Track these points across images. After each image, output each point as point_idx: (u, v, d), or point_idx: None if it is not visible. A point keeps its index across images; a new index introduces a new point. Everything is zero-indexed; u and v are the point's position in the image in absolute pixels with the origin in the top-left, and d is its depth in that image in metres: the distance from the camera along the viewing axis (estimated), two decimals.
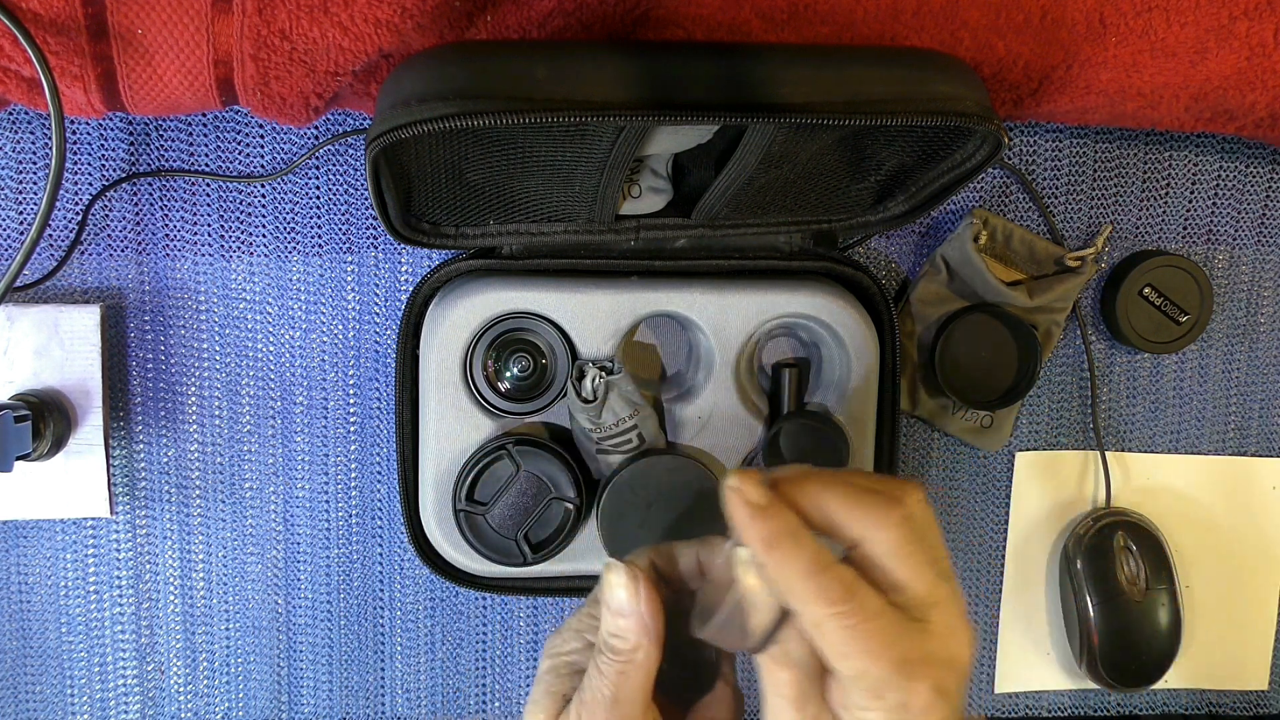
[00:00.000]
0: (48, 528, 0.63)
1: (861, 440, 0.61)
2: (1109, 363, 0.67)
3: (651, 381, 0.63)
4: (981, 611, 0.69)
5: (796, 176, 0.55)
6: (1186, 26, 0.54)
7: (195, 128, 0.60)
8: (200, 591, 0.64)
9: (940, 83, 0.49)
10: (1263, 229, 0.67)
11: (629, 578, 0.41)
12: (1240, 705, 0.71)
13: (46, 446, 0.58)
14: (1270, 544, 0.70)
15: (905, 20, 0.53)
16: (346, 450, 0.64)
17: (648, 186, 0.58)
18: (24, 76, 0.50)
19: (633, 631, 0.41)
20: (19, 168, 0.60)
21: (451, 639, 0.66)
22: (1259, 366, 0.68)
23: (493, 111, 0.45)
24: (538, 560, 0.59)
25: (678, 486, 0.58)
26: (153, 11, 0.48)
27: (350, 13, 0.48)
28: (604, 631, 0.41)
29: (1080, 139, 0.65)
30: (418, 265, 0.63)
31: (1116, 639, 0.65)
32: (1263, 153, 0.66)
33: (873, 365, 0.60)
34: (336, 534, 0.64)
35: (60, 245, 0.60)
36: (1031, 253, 0.64)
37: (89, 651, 0.64)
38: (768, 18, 0.53)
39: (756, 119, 0.47)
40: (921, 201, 0.58)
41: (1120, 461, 0.68)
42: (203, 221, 0.61)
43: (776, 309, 0.59)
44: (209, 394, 0.63)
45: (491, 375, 0.59)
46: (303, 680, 0.66)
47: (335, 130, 0.61)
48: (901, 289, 0.66)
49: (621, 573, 0.41)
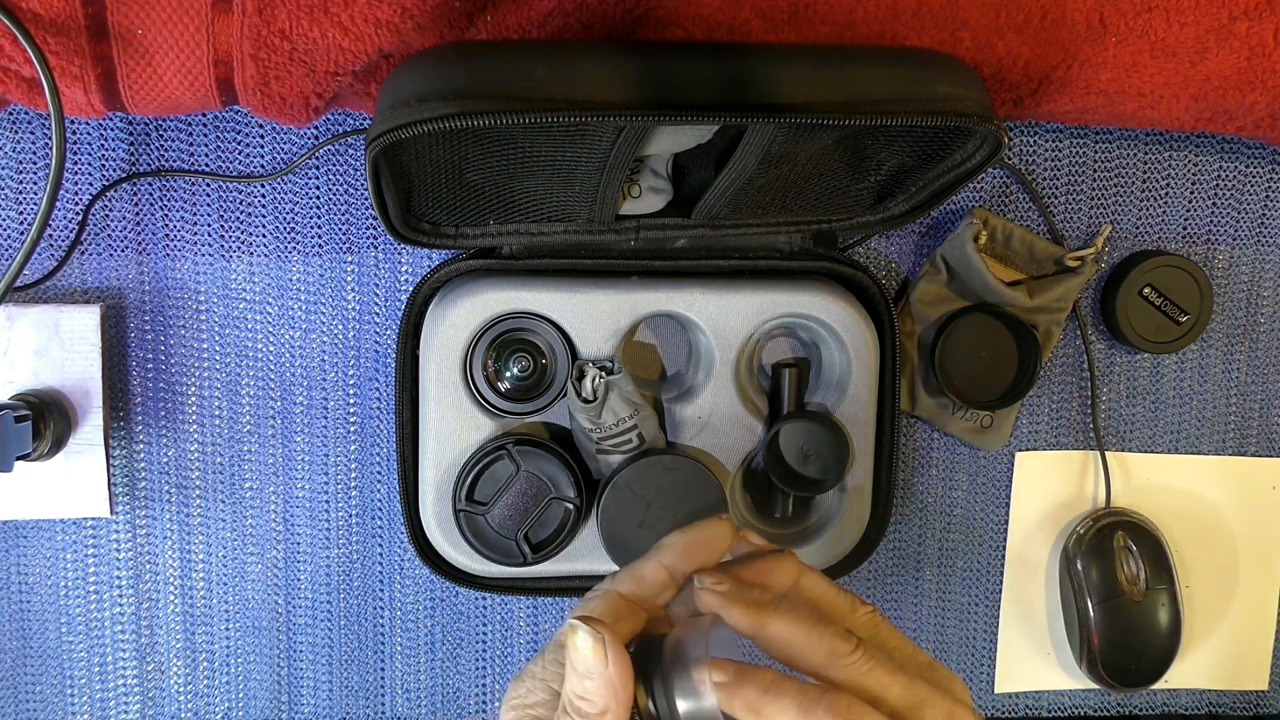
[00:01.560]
0: (48, 528, 0.63)
1: (861, 440, 0.61)
2: (1109, 363, 0.67)
3: (651, 381, 0.63)
4: (981, 611, 0.69)
5: (796, 176, 0.55)
6: (1186, 26, 0.54)
7: (195, 128, 0.60)
8: (200, 591, 0.64)
9: (940, 83, 0.49)
10: (1263, 229, 0.67)
11: (595, 640, 0.39)
12: (1240, 705, 0.71)
13: (46, 446, 0.58)
14: (1270, 544, 0.70)
15: (905, 20, 0.53)
16: (346, 450, 0.64)
17: (648, 186, 0.58)
18: (24, 76, 0.50)
19: (600, 695, 0.39)
20: (19, 168, 0.60)
21: (451, 639, 0.66)
22: (1259, 366, 0.68)
23: (493, 111, 0.45)
24: (538, 560, 0.59)
25: (678, 486, 0.58)
26: (153, 11, 0.48)
27: (350, 13, 0.48)
28: (569, 691, 0.39)
29: (1080, 139, 0.65)
30: (418, 265, 0.63)
31: (1116, 639, 0.65)
32: (1263, 153, 0.66)
33: (873, 365, 0.60)
34: (336, 534, 0.64)
35: (60, 245, 0.60)
36: (1031, 253, 0.64)
37: (89, 651, 0.64)
38: (768, 18, 0.53)
39: (756, 119, 0.47)
40: (921, 201, 0.58)
41: (1120, 461, 0.68)
42: (203, 221, 0.61)
43: (776, 309, 0.59)
44: (209, 394, 0.63)
45: (491, 375, 0.59)
46: (303, 680, 0.66)
47: (335, 130, 0.61)
48: (901, 289, 0.66)
49: (588, 635, 0.39)
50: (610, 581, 0.42)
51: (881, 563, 0.68)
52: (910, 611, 0.68)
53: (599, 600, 0.41)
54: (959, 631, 0.69)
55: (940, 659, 0.69)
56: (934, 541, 0.68)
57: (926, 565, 0.68)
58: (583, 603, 0.42)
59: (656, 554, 0.42)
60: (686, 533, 0.43)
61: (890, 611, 0.68)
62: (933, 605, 0.68)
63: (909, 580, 0.68)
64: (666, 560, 0.42)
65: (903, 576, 0.68)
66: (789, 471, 0.60)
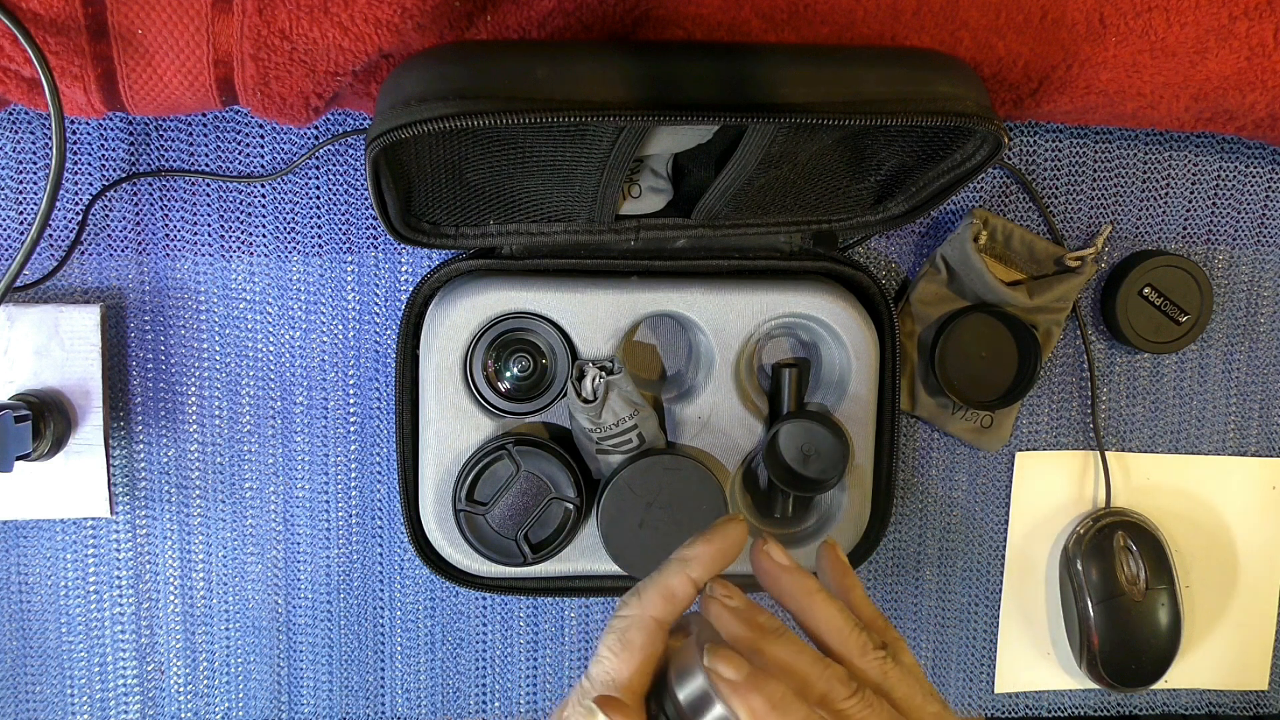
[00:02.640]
0: (48, 528, 0.63)
1: (861, 440, 0.61)
2: (1109, 363, 0.67)
3: (651, 381, 0.63)
4: (981, 611, 0.69)
5: (796, 176, 0.55)
6: (1186, 26, 0.54)
7: (195, 128, 0.60)
8: (200, 591, 0.64)
9: (940, 83, 0.49)
10: (1263, 229, 0.67)
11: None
12: (1240, 705, 0.71)
13: (46, 446, 0.58)
14: (1270, 544, 0.70)
15: (905, 20, 0.53)
16: (346, 450, 0.64)
17: (648, 186, 0.58)
18: (24, 76, 0.50)
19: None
20: (19, 168, 0.60)
21: (451, 639, 0.66)
22: (1259, 366, 0.68)
23: (492, 111, 0.45)
24: (538, 560, 0.59)
25: (678, 486, 0.58)
26: (153, 11, 0.48)
27: (350, 13, 0.48)
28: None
29: (1080, 139, 0.65)
30: (418, 265, 0.63)
31: (1116, 639, 0.65)
32: (1263, 153, 0.66)
33: (873, 365, 0.60)
34: (336, 534, 0.64)
35: (60, 245, 0.60)
36: (1031, 253, 0.64)
37: (89, 651, 0.64)
38: (768, 18, 0.53)
39: (756, 119, 0.47)
40: (921, 201, 0.58)
41: (1120, 461, 0.68)
42: (203, 221, 0.61)
43: (776, 309, 0.59)
44: (209, 394, 0.63)
45: (491, 375, 0.59)
46: (303, 680, 0.66)
47: (335, 130, 0.61)
48: (901, 289, 0.66)
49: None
50: (640, 603, 0.42)
51: (881, 563, 0.68)
52: (910, 611, 0.68)
53: (637, 631, 0.41)
54: (959, 631, 0.69)
55: (940, 659, 0.69)
56: (934, 541, 0.68)
57: (926, 565, 0.68)
58: (620, 633, 0.41)
59: (684, 567, 0.42)
60: (709, 540, 0.42)
61: (890, 612, 0.68)
62: (933, 605, 0.68)
63: (909, 580, 0.68)
64: (695, 574, 0.42)
65: (903, 576, 0.68)
66: (789, 471, 0.60)
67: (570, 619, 0.67)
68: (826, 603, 0.42)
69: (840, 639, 0.42)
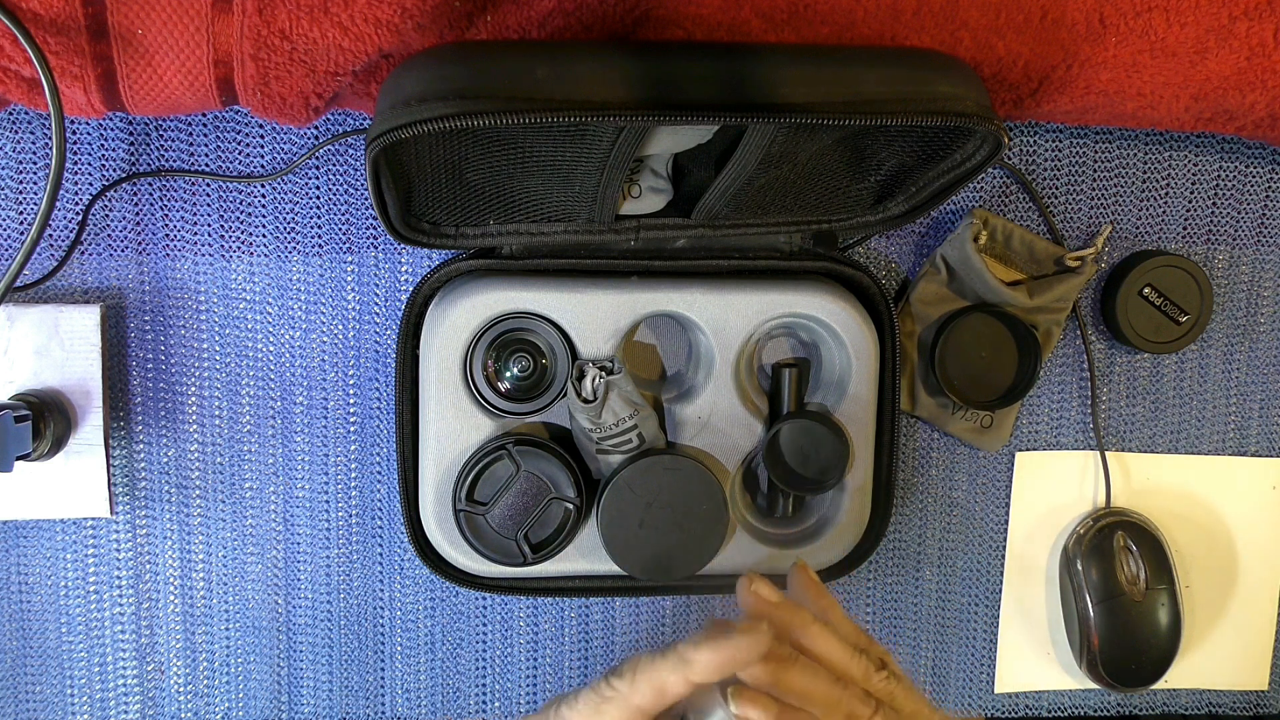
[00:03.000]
0: (48, 528, 0.63)
1: (861, 440, 0.61)
2: (1109, 363, 0.67)
3: (651, 381, 0.63)
4: (981, 611, 0.69)
5: (796, 176, 0.55)
6: (1186, 26, 0.54)
7: (195, 128, 0.60)
8: (200, 591, 0.64)
9: (940, 83, 0.49)
10: (1263, 229, 0.67)
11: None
12: (1240, 705, 0.71)
13: (46, 446, 0.58)
14: (1270, 544, 0.70)
15: (905, 20, 0.53)
16: (346, 450, 0.64)
17: (648, 186, 0.58)
18: (24, 76, 0.50)
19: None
20: (19, 168, 0.60)
21: (451, 639, 0.66)
22: (1259, 366, 0.68)
23: (492, 111, 0.45)
24: (538, 560, 0.59)
25: (678, 486, 0.58)
26: (153, 11, 0.48)
27: (350, 13, 0.48)
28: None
29: (1080, 139, 0.65)
30: (418, 265, 0.63)
31: (1116, 639, 0.65)
32: (1263, 153, 0.66)
33: (873, 365, 0.60)
34: (336, 534, 0.64)
35: (60, 245, 0.60)
36: (1031, 253, 0.64)
37: (89, 651, 0.64)
38: (768, 18, 0.53)
39: (756, 119, 0.47)
40: (921, 201, 0.58)
41: (1120, 461, 0.68)
42: (203, 221, 0.61)
43: (776, 309, 0.59)
44: (209, 394, 0.63)
45: (491, 375, 0.59)
46: (303, 680, 0.66)
47: (335, 130, 0.61)
48: (901, 289, 0.66)
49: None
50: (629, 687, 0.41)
51: (881, 563, 0.68)
52: (910, 611, 0.68)
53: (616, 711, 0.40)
54: (959, 631, 0.69)
55: (940, 659, 0.69)
56: (934, 541, 0.68)
57: (926, 565, 0.68)
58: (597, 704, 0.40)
59: (684, 668, 0.40)
60: (718, 649, 0.40)
61: (890, 611, 0.68)
62: (933, 605, 0.68)
63: (909, 580, 0.68)
64: (695, 678, 0.40)
65: (903, 576, 0.68)
66: (789, 471, 0.60)
67: (570, 619, 0.67)
68: (824, 633, 0.43)
69: (844, 667, 0.42)
